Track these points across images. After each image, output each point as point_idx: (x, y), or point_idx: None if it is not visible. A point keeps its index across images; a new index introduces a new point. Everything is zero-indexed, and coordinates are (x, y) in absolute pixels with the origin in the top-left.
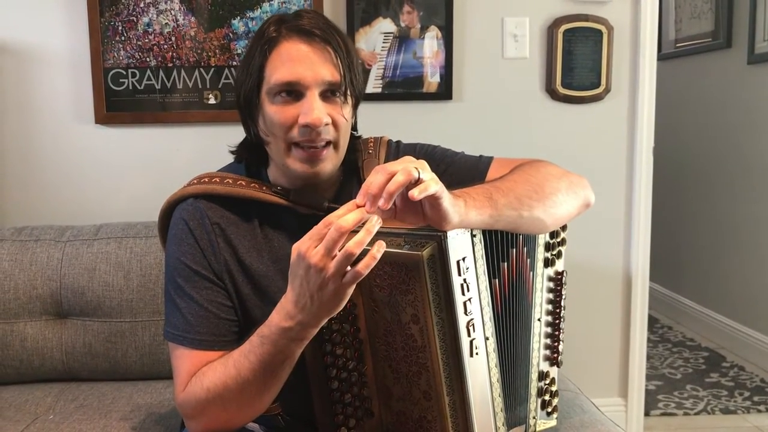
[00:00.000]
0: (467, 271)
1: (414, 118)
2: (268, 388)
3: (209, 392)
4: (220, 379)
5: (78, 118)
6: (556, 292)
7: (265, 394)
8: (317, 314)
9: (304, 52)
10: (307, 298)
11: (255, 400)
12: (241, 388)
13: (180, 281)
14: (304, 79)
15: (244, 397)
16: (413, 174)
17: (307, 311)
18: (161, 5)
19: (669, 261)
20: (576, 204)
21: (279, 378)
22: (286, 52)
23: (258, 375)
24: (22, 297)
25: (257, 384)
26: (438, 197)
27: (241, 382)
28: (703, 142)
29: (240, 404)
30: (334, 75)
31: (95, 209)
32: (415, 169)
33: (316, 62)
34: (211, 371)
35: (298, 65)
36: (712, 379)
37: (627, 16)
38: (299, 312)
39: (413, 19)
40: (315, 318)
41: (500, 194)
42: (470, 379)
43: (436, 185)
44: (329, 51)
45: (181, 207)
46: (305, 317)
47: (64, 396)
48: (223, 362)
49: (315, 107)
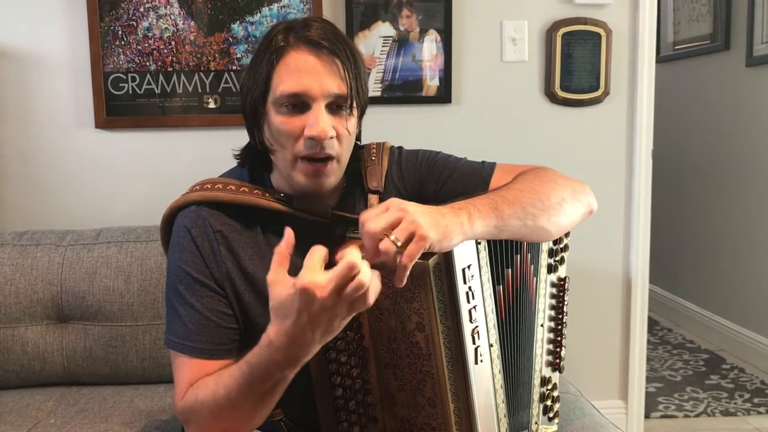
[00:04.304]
0: (472, 279)
1: (413, 121)
2: (260, 408)
3: (203, 406)
4: (212, 397)
5: (78, 122)
6: (558, 298)
7: (257, 412)
8: (310, 346)
9: (312, 64)
10: (305, 330)
11: (248, 417)
12: (232, 408)
13: (181, 289)
14: (311, 90)
15: (238, 414)
16: (391, 251)
17: (299, 344)
18: (161, 10)
19: (669, 263)
20: (580, 211)
21: (272, 399)
22: (294, 62)
23: (249, 398)
24: (23, 301)
25: (249, 405)
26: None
27: (233, 403)
28: (702, 144)
29: (233, 420)
30: (341, 87)
31: (95, 213)
32: (393, 243)
33: (323, 74)
34: (204, 386)
35: (305, 77)
36: (712, 381)
37: (625, 19)
38: (291, 345)
39: (412, 22)
40: (307, 350)
41: (506, 204)
42: (475, 386)
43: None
44: (337, 63)
45: (183, 214)
46: (298, 351)
47: (65, 400)
48: (215, 380)
49: (321, 120)
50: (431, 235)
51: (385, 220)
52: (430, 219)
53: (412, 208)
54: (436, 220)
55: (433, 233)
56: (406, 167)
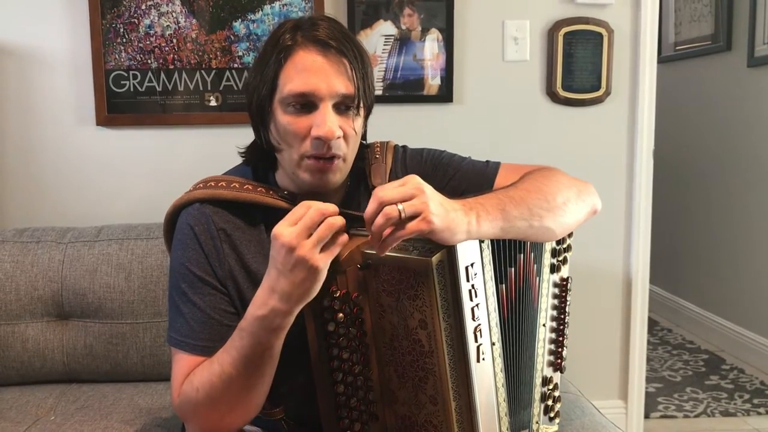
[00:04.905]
0: (475, 277)
1: (414, 120)
2: (253, 383)
3: (198, 392)
4: (207, 377)
5: (79, 120)
6: (561, 298)
7: (251, 390)
8: (289, 298)
9: (319, 64)
10: (279, 280)
11: (242, 396)
12: (226, 385)
13: (184, 287)
14: (318, 90)
15: (231, 393)
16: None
17: (279, 295)
18: (162, 7)
19: (669, 263)
20: (584, 211)
21: (262, 373)
22: (301, 62)
23: (240, 369)
24: (24, 298)
25: (240, 379)
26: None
27: (225, 379)
28: (703, 144)
29: (229, 402)
30: (348, 88)
31: (96, 211)
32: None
33: (330, 74)
34: (199, 370)
35: (313, 76)
36: (711, 381)
37: (627, 19)
38: (271, 297)
39: (414, 21)
40: (288, 302)
41: (513, 205)
42: (477, 384)
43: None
44: (344, 63)
45: (186, 211)
46: (278, 303)
47: (65, 397)
48: (210, 360)
49: (328, 120)
50: (436, 222)
51: (400, 192)
52: (441, 209)
53: (429, 191)
54: (446, 210)
55: (438, 221)
56: (411, 165)
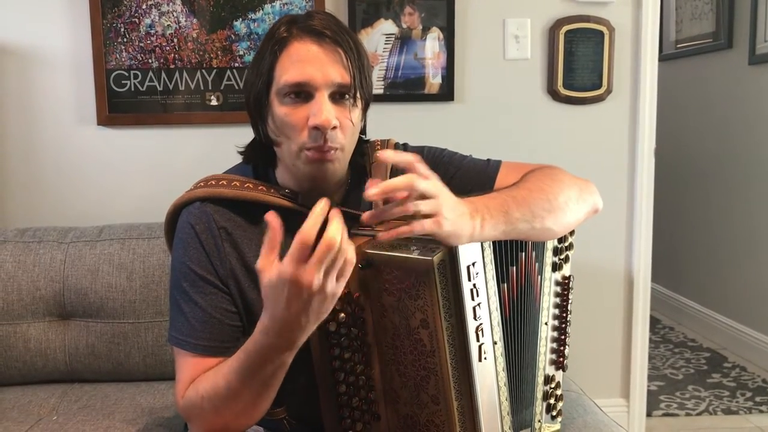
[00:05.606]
0: (477, 276)
1: (415, 119)
2: (261, 396)
3: (203, 400)
4: (213, 388)
5: (80, 119)
6: (562, 297)
7: (259, 402)
8: (306, 329)
9: (314, 53)
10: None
11: (249, 408)
12: (233, 398)
13: (185, 286)
14: (314, 80)
15: (238, 405)
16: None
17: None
18: (163, 7)
19: (671, 262)
20: (585, 210)
21: (272, 386)
22: (296, 52)
23: (249, 386)
24: (26, 298)
25: (250, 394)
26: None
27: (233, 394)
28: (704, 142)
29: (234, 412)
30: (344, 77)
31: (98, 211)
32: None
33: (326, 63)
34: (204, 379)
35: (308, 66)
36: (713, 379)
37: (628, 17)
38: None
39: (414, 20)
40: (303, 333)
41: (515, 207)
42: (478, 384)
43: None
44: (340, 52)
45: (187, 210)
46: (292, 334)
47: (67, 397)
48: (215, 372)
49: (324, 109)
50: (446, 227)
51: (429, 187)
52: (453, 216)
53: (447, 197)
54: (457, 217)
55: (448, 227)
56: None
